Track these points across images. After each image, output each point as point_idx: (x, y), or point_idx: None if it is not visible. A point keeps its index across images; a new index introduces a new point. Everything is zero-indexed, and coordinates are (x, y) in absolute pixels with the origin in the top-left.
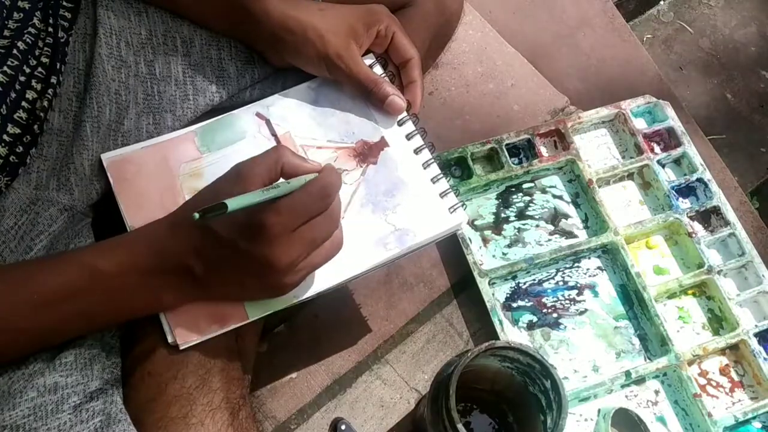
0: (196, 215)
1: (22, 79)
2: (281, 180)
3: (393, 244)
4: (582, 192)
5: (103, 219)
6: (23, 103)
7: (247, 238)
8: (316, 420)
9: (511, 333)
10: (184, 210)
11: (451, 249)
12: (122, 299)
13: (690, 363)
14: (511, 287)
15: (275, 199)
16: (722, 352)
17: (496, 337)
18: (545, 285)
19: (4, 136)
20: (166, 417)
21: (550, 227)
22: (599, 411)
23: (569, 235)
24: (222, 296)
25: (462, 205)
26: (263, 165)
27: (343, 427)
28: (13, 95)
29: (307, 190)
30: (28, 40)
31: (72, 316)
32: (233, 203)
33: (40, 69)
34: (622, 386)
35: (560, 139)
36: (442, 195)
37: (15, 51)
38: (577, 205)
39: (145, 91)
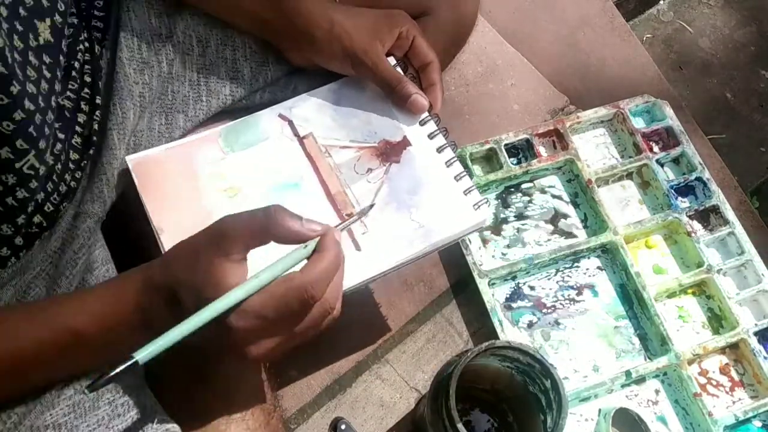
0: (87, 391)
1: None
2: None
3: (418, 241)
4: (581, 192)
5: (110, 220)
6: (77, 128)
7: (216, 335)
8: (316, 420)
9: (511, 333)
10: (155, 271)
11: (451, 249)
12: (106, 351)
13: (690, 362)
14: (510, 287)
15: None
16: (722, 351)
17: (496, 337)
18: (545, 285)
19: (69, 164)
20: (207, 409)
21: (550, 227)
22: (600, 411)
23: (568, 235)
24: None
25: (486, 202)
26: (248, 229)
27: (343, 427)
28: (70, 119)
29: (282, 292)
30: (80, 58)
31: (57, 369)
32: (143, 354)
33: (86, 89)
34: (623, 386)
35: (559, 138)
36: (466, 192)
37: (74, 73)
38: (576, 205)
39: (159, 90)
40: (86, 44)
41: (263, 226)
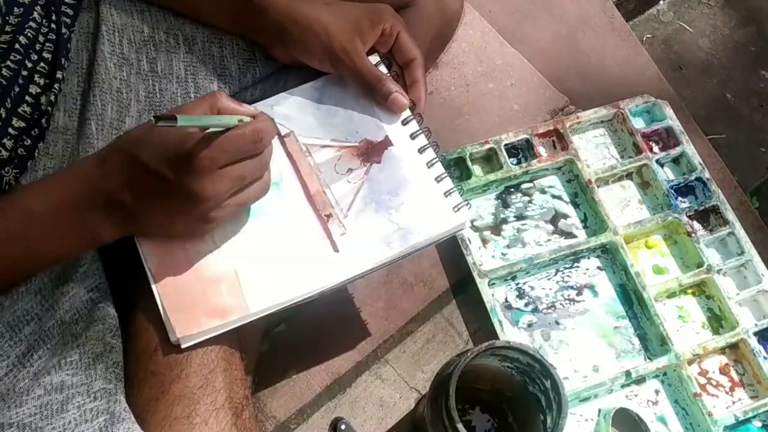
0: (153, 119)
1: (24, 73)
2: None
3: (396, 243)
4: (581, 192)
5: None
6: (27, 98)
7: (175, 168)
8: (316, 420)
9: (511, 333)
10: (114, 145)
11: (451, 249)
12: (60, 237)
13: (690, 362)
14: (510, 287)
15: (213, 131)
16: (722, 351)
17: (496, 337)
18: (545, 285)
19: (10, 130)
20: (170, 416)
21: (550, 227)
22: (599, 411)
23: (568, 235)
24: (154, 229)
25: (466, 205)
26: (200, 107)
27: (342, 427)
28: (17, 89)
29: (240, 131)
30: (29, 34)
31: (12, 259)
32: (183, 120)
33: (42, 64)
34: (623, 386)
35: (559, 139)
36: (447, 194)
37: (17, 45)
38: (576, 205)
39: (146, 88)
40: (47, 23)
41: (212, 105)
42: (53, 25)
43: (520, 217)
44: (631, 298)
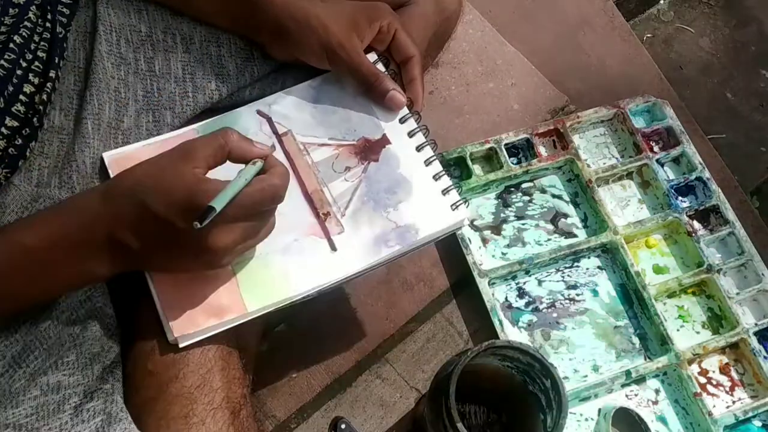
0: (197, 224)
1: (19, 72)
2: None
3: (394, 241)
4: (581, 191)
5: None
6: (21, 97)
7: (188, 219)
8: (316, 419)
9: (511, 333)
10: (120, 185)
11: (451, 248)
12: (53, 273)
13: (690, 362)
14: (510, 287)
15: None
16: (722, 350)
17: (496, 337)
18: (545, 285)
19: (2, 129)
20: (168, 416)
21: (550, 227)
22: (599, 410)
23: (569, 234)
24: (154, 268)
25: (464, 202)
26: (210, 147)
27: (343, 426)
28: (11, 88)
29: (258, 189)
30: (24, 33)
31: (15, 286)
32: (219, 203)
33: (37, 63)
34: (623, 386)
35: (559, 138)
36: (445, 192)
37: (12, 45)
38: (576, 205)
39: (144, 88)
40: (42, 22)
41: (222, 145)
42: (48, 24)
43: (520, 217)
44: (631, 297)
